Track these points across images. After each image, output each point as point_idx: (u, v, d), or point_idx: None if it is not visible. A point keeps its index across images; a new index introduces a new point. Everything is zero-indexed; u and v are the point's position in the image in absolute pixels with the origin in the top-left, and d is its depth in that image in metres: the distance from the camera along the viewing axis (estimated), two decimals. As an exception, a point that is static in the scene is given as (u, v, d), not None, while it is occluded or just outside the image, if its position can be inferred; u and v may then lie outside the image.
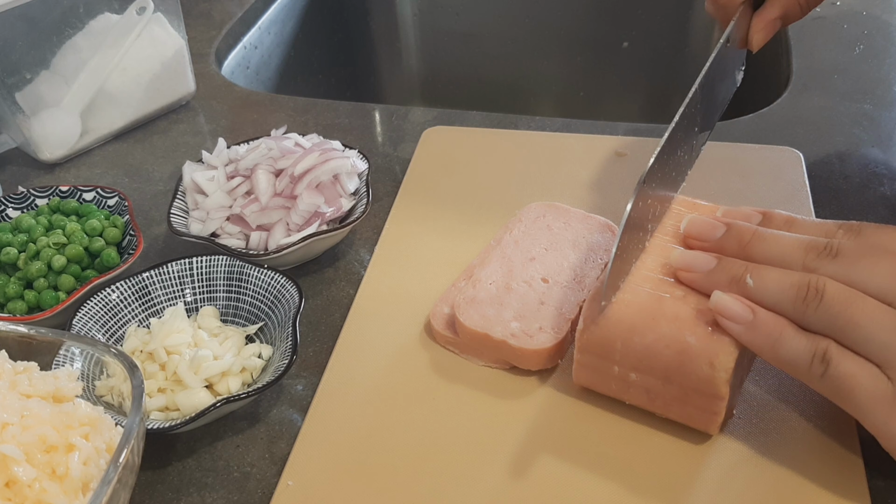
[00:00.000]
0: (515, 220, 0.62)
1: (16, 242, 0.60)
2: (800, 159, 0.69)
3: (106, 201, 0.66)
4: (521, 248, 0.59)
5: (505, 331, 0.52)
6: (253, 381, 0.54)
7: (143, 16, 0.77)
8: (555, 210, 0.62)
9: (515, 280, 0.56)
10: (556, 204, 0.62)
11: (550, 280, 0.56)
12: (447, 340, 0.55)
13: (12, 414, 0.42)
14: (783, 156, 0.70)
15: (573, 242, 0.59)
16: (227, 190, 0.64)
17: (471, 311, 0.54)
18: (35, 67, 0.74)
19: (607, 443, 0.49)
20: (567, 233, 0.60)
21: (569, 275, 0.56)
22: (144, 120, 0.82)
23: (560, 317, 0.53)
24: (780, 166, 0.68)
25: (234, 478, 0.50)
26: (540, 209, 0.62)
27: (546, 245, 0.59)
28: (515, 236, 0.60)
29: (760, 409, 0.50)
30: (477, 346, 0.54)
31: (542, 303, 0.54)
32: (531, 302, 0.54)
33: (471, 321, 0.53)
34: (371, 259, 0.63)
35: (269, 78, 1.03)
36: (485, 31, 1.19)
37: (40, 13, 0.72)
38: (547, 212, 0.62)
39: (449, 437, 0.50)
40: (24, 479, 0.40)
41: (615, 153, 0.71)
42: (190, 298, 0.59)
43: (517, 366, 0.53)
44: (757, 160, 0.69)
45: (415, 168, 0.72)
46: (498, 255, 0.58)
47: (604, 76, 1.17)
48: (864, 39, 0.88)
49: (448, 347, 0.55)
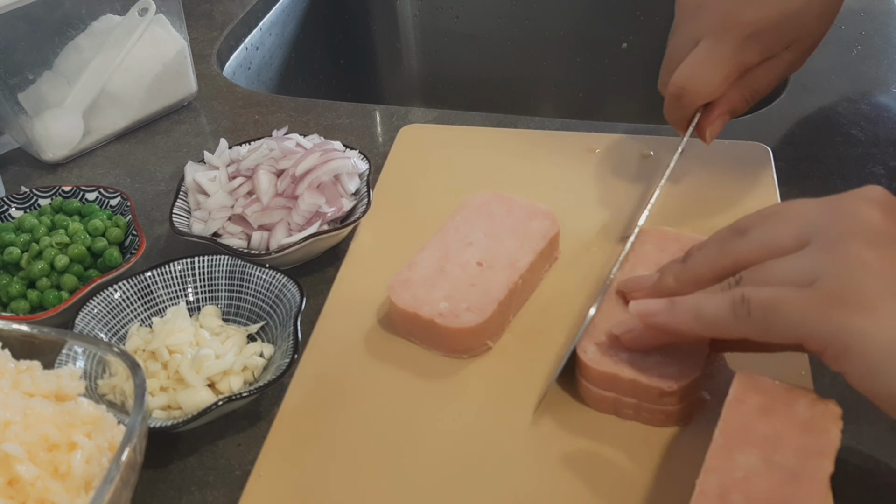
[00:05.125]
0: (459, 208, 0.62)
1: (19, 242, 0.60)
2: (768, 154, 0.70)
3: (108, 201, 0.66)
4: (460, 233, 0.60)
5: (433, 310, 0.54)
6: (254, 379, 0.54)
7: (145, 17, 0.78)
8: (498, 199, 0.63)
9: (450, 263, 0.57)
10: (500, 193, 0.63)
11: (484, 264, 0.57)
12: (404, 332, 0.57)
13: (15, 412, 0.42)
14: (751, 151, 0.70)
15: (512, 229, 0.60)
16: (228, 190, 0.64)
17: (403, 291, 0.55)
18: (37, 68, 0.74)
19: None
20: (507, 220, 0.61)
21: (503, 259, 0.57)
22: (146, 120, 0.83)
23: (488, 298, 0.54)
24: (748, 161, 0.69)
25: (235, 476, 0.50)
26: (484, 198, 0.63)
27: (485, 231, 0.60)
28: (456, 223, 0.61)
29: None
30: (409, 326, 0.55)
31: (473, 285, 0.56)
32: (462, 283, 0.56)
33: (401, 301, 0.55)
34: (345, 255, 0.64)
35: (271, 79, 1.03)
36: (485, 32, 1.19)
37: (43, 14, 0.72)
38: (491, 200, 0.63)
39: (407, 424, 0.52)
40: (27, 477, 0.40)
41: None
42: (192, 298, 0.59)
43: (447, 346, 0.55)
44: (725, 155, 0.70)
45: (389, 165, 0.73)
46: (437, 241, 0.59)
47: (604, 76, 1.17)
48: (862, 40, 0.88)
49: (408, 338, 0.57)
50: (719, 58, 0.58)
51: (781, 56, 0.59)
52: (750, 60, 0.59)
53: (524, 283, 0.57)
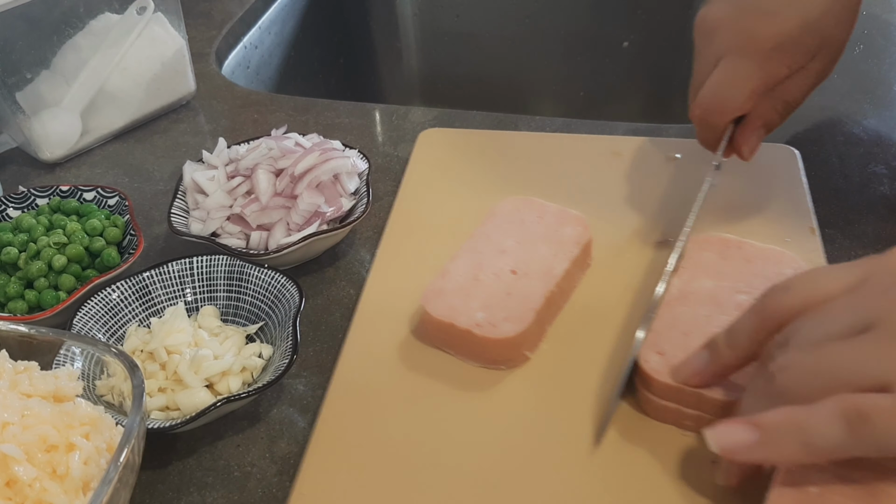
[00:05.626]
0: (490, 214, 0.62)
1: (16, 242, 0.60)
2: (796, 157, 0.69)
3: (106, 201, 0.66)
4: (492, 241, 0.59)
5: (470, 320, 0.53)
6: (253, 380, 0.54)
7: (144, 15, 0.77)
8: (529, 204, 0.62)
9: (484, 272, 0.56)
10: (530, 199, 0.62)
11: (519, 272, 0.56)
12: (439, 342, 0.55)
13: (13, 413, 0.42)
14: (780, 154, 0.70)
15: (545, 236, 0.59)
16: (227, 189, 0.64)
17: (438, 301, 0.54)
18: (35, 67, 0.74)
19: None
20: (539, 227, 0.60)
21: (538, 267, 0.56)
22: (145, 120, 0.83)
23: (525, 307, 0.53)
24: (777, 164, 0.68)
25: (234, 477, 0.50)
26: (514, 204, 0.62)
27: (517, 238, 0.59)
28: (488, 230, 0.60)
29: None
30: (444, 337, 0.54)
31: (509, 294, 0.55)
32: (498, 293, 0.55)
33: (437, 311, 0.54)
34: (373, 262, 0.63)
35: (270, 77, 1.03)
36: (485, 31, 1.19)
37: (41, 13, 0.72)
38: (521, 206, 0.62)
39: (450, 439, 0.50)
40: (25, 478, 0.40)
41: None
42: (190, 298, 0.59)
43: (484, 357, 0.53)
44: (754, 159, 0.69)
45: (413, 170, 0.72)
46: (469, 249, 0.58)
47: (604, 76, 1.17)
48: (864, 39, 0.88)
49: (443, 349, 0.55)
50: (743, 73, 0.57)
51: (810, 66, 0.58)
52: (777, 73, 0.57)
53: (559, 291, 0.56)
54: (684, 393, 0.47)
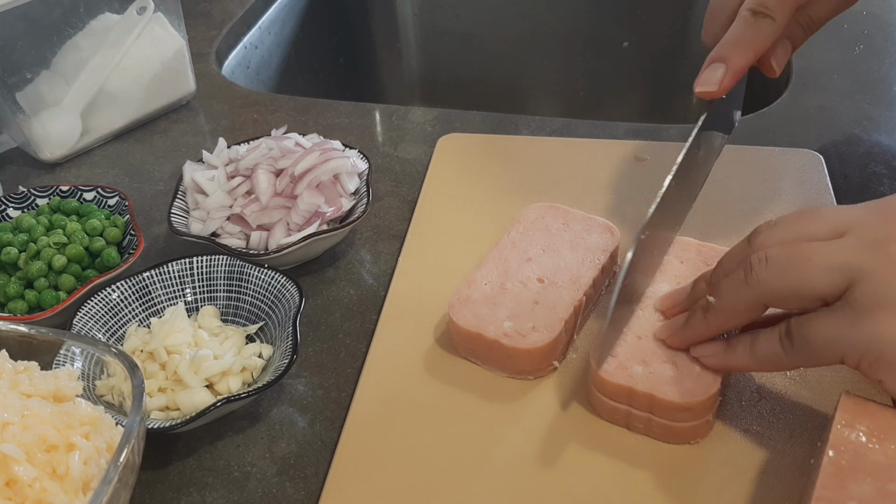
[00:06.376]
0: (514, 221, 0.61)
1: (16, 242, 0.60)
2: (821, 162, 0.69)
3: (106, 201, 0.66)
4: (518, 249, 0.58)
5: (497, 330, 0.52)
6: (253, 380, 0.54)
7: (144, 15, 0.77)
8: (554, 211, 0.62)
9: (511, 280, 0.56)
10: (555, 205, 0.62)
11: (546, 280, 0.56)
12: (465, 352, 0.55)
13: (13, 413, 0.42)
14: (804, 159, 0.69)
15: (571, 243, 0.58)
16: (227, 190, 0.64)
17: (464, 310, 0.54)
18: (35, 67, 0.74)
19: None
20: (565, 234, 0.59)
21: (565, 275, 0.56)
22: (145, 120, 0.83)
23: (554, 317, 0.53)
24: (802, 169, 0.68)
25: (234, 477, 0.50)
26: (539, 210, 0.62)
27: (543, 246, 0.58)
28: (513, 238, 0.59)
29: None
30: (471, 346, 0.54)
31: (537, 303, 0.54)
32: (525, 302, 0.54)
33: (464, 321, 0.53)
34: (395, 270, 0.62)
35: (270, 78, 1.03)
36: (485, 31, 1.19)
37: (41, 13, 0.72)
38: (546, 213, 0.61)
39: (480, 451, 0.50)
40: (25, 478, 0.40)
41: (634, 158, 0.71)
42: (190, 298, 0.59)
43: (512, 367, 0.53)
44: (778, 163, 0.69)
45: (433, 176, 0.71)
46: (494, 257, 0.58)
47: (604, 76, 1.17)
48: (864, 39, 0.88)
49: (470, 359, 0.55)
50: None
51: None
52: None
53: (587, 300, 0.56)
54: (635, 394, 0.48)
